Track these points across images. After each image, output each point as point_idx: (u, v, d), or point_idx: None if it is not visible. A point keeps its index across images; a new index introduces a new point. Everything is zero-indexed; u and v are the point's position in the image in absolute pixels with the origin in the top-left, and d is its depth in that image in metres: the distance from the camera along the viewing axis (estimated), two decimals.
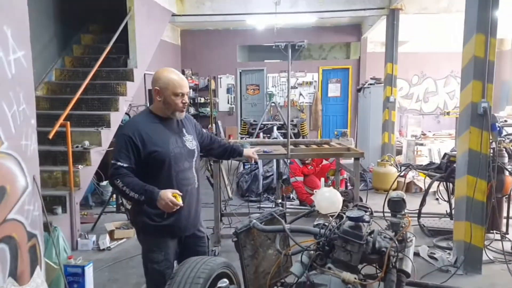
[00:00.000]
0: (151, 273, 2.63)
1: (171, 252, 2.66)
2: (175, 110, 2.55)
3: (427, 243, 4.77)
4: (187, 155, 2.64)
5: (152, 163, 2.49)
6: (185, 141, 2.64)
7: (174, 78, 2.52)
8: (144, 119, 2.57)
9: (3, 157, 2.90)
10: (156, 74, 2.56)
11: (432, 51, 11.96)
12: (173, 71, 2.58)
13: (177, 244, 2.72)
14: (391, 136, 8.58)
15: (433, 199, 6.69)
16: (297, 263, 2.30)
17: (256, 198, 6.74)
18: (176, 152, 2.56)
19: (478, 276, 3.97)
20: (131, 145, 2.43)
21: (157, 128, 2.54)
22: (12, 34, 2.98)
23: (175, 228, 2.62)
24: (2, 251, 2.88)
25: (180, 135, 2.64)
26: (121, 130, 2.57)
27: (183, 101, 2.55)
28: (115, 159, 2.42)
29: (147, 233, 2.63)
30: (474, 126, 3.90)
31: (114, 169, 2.40)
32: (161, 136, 2.53)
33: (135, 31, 6.46)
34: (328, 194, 2.87)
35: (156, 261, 2.60)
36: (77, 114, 5.77)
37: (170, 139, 2.56)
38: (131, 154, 2.43)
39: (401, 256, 2.43)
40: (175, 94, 2.50)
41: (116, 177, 2.39)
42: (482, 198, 3.93)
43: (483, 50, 3.80)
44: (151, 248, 2.62)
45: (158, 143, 2.50)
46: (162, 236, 2.60)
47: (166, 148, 2.51)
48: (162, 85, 2.51)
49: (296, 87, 12.65)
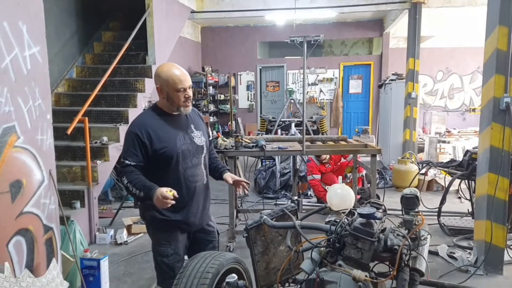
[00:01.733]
0: (161, 267, 2.66)
1: (181, 246, 2.67)
2: (179, 105, 2.52)
3: (447, 242, 4.65)
4: (195, 151, 2.63)
5: (160, 160, 2.50)
6: (193, 137, 2.63)
7: (174, 74, 2.47)
8: (151, 116, 2.56)
9: (19, 151, 2.95)
10: (156, 71, 2.53)
11: (457, 46, 11.64)
12: (173, 66, 2.53)
13: (186, 238, 2.73)
14: (413, 133, 8.41)
15: (455, 197, 6.52)
16: (307, 260, 2.28)
17: (273, 195, 6.71)
18: (184, 149, 2.55)
19: (499, 277, 3.85)
20: (138, 143, 2.44)
21: (164, 125, 2.53)
22: (28, 30, 3.03)
23: (184, 223, 2.63)
24: (19, 243, 2.93)
25: (187, 131, 2.62)
26: (129, 128, 2.57)
27: (185, 96, 2.51)
28: (123, 157, 2.47)
29: (156, 227, 2.65)
30: (496, 122, 3.77)
31: (122, 167, 2.46)
32: (168, 133, 2.52)
33: (153, 28, 6.51)
34: (340, 191, 2.83)
35: (165, 254, 2.62)
36: (96, 110, 5.87)
37: (178, 136, 2.55)
38: (138, 151, 2.44)
39: (414, 255, 2.37)
40: (177, 90, 2.47)
41: (123, 175, 2.43)
42: (504, 196, 3.80)
43: (506, 43, 3.66)
44: (160, 242, 2.64)
45: (165, 140, 2.49)
46: (171, 230, 2.62)
47: (173, 145, 2.50)
48: (162, 82, 2.48)
49: (317, 83, 12.54)
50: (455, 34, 10.79)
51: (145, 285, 3.83)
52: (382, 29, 11.91)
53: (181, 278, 2.28)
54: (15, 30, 2.92)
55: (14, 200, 2.89)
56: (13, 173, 2.89)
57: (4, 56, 2.81)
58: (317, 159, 6.45)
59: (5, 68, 2.83)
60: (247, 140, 4.88)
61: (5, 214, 2.81)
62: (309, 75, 12.47)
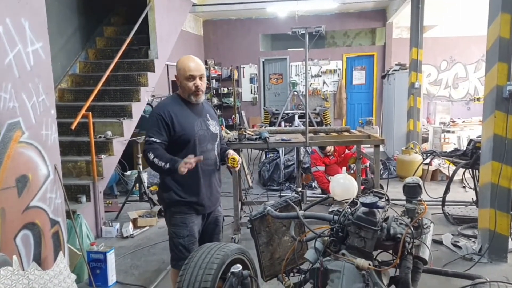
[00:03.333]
0: (177, 247, 2.82)
1: (196, 229, 2.84)
2: (190, 93, 2.75)
3: (452, 231, 4.66)
4: (210, 137, 2.86)
5: (179, 143, 2.72)
6: (209, 125, 2.86)
7: (186, 63, 2.73)
8: (173, 101, 2.82)
9: (24, 147, 2.99)
10: (177, 63, 2.79)
11: (461, 35, 11.55)
12: (188, 57, 2.80)
13: (201, 221, 2.90)
14: (417, 124, 8.38)
15: (460, 187, 6.52)
16: (311, 249, 2.30)
17: (278, 187, 6.73)
18: (201, 134, 2.78)
19: (503, 264, 3.86)
20: (162, 123, 2.67)
21: (184, 110, 2.78)
22: (30, 26, 3.06)
23: (198, 205, 2.82)
24: (26, 237, 2.98)
25: (204, 119, 2.85)
26: (153, 111, 2.86)
27: (195, 84, 2.72)
28: (148, 135, 2.69)
29: (173, 210, 2.82)
30: (500, 110, 3.76)
31: (147, 144, 2.66)
32: (188, 118, 2.76)
33: (155, 22, 6.51)
34: (342, 181, 2.86)
35: (181, 236, 2.80)
36: (100, 105, 5.90)
37: (196, 122, 2.78)
38: (162, 130, 2.67)
39: (417, 243, 2.39)
40: (187, 78, 2.71)
41: (149, 151, 2.62)
42: (507, 184, 3.80)
43: (509, 30, 3.64)
44: (177, 224, 2.80)
45: (185, 124, 2.73)
46: (187, 212, 2.80)
47: (191, 130, 2.74)
48: (177, 72, 2.76)
49: (320, 75, 12.51)
50: (459, 22, 10.70)
51: (152, 277, 3.87)
52: (385, 19, 11.84)
53: (187, 269, 2.32)
54: (17, 26, 2.95)
55: (20, 195, 2.93)
56: (19, 168, 2.93)
57: (7, 53, 2.84)
58: (321, 151, 6.46)
59: (9, 64, 2.85)
60: (250, 133, 4.89)
61: (12, 209, 2.86)
62: (312, 66, 12.44)
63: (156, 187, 6.85)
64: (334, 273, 2.15)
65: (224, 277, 2.31)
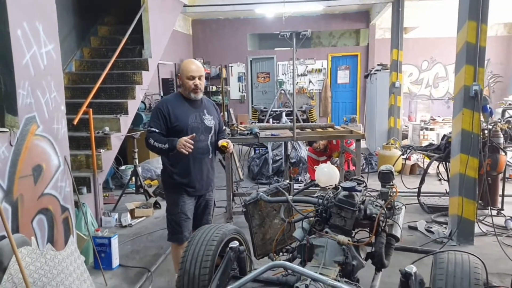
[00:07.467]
0: (170, 223, 3.36)
1: (188, 208, 3.30)
2: (189, 90, 3.20)
3: (426, 219, 5.07)
4: (204, 130, 3.27)
5: (174, 132, 3.16)
6: (204, 119, 3.28)
7: (188, 65, 3.21)
8: (173, 98, 3.31)
9: (39, 139, 3.29)
10: (180, 65, 3.30)
11: (441, 36, 11.97)
12: (191, 60, 3.29)
13: (193, 202, 3.35)
14: (397, 121, 8.82)
15: (436, 180, 6.95)
16: (299, 229, 2.67)
17: (267, 181, 7.08)
18: (194, 126, 3.21)
19: (470, 246, 4.27)
20: (161, 116, 3.15)
21: (182, 106, 3.23)
22: (43, 29, 3.35)
23: (189, 186, 3.27)
24: (41, 221, 3.29)
25: (200, 113, 3.28)
26: (155, 106, 3.38)
27: (194, 83, 3.17)
28: (149, 126, 3.17)
29: (168, 190, 3.35)
30: (467, 107, 4.17)
31: (148, 133, 3.14)
32: (183, 112, 3.21)
33: (149, 23, 6.76)
34: (326, 169, 3.21)
35: (173, 213, 3.31)
36: (97, 102, 6.14)
37: (191, 115, 3.22)
38: (161, 122, 3.15)
39: (390, 222, 2.77)
40: (187, 78, 3.18)
41: (149, 137, 3.11)
42: (473, 174, 4.21)
43: (475, 36, 4.06)
44: (170, 202, 3.35)
45: (180, 117, 3.18)
46: (179, 192, 3.28)
47: (185, 121, 3.18)
48: (180, 71, 3.25)
49: (306, 74, 12.88)
50: (439, 24, 11.10)
51: (152, 261, 4.19)
52: (369, 21, 12.25)
53: (190, 246, 2.64)
54: (33, 29, 3.24)
55: (36, 183, 3.23)
56: (35, 158, 3.23)
57: (24, 53, 3.14)
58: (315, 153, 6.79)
59: (26, 64, 3.15)
60: (242, 128, 5.24)
61: (29, 195, 3.16)
62: (298, 66, 12.80)
63: (149, 181, 7.18)
64: (319, 248, 2.50)
65: (222, 254, 2.61)
